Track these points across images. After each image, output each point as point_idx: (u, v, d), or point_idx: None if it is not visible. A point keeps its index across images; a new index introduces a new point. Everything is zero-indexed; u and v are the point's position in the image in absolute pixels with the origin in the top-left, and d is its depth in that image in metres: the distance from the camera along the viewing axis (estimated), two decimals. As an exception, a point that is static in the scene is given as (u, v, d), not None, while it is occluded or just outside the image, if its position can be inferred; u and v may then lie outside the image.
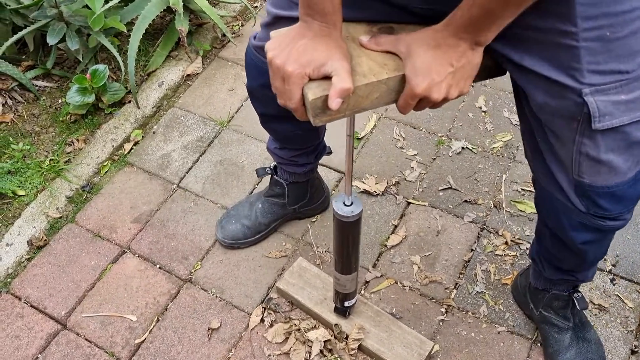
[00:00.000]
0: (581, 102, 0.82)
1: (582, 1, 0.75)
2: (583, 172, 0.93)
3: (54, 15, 1.88)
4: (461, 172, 1.77)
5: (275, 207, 1.59)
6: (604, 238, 1.09)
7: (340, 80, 0.78)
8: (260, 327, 1.47)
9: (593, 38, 0.78)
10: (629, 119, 0.84)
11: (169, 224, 1.69)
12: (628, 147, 0.89)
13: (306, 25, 0.83)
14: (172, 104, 2.03)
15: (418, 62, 0.80)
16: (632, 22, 0.78)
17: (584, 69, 0.80)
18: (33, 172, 1.81)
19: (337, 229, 1.16)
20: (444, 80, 0.80)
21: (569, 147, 0.90)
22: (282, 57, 0.81)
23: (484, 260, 1.57)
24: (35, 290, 1.56)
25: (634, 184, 0.95)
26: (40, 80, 2.09)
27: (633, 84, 0.82)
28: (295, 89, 0.80)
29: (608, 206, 0.97)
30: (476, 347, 1.42)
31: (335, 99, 0.78)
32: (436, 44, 0.80)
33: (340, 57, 0.80)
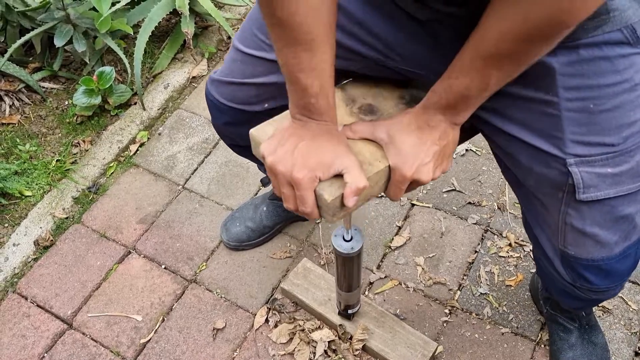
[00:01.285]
0: (566, 172, 0.81)
1: (563, 72, 0.75)
2: (568, 243, 0.92)
3: (61, 18, 1.90)
4: (465, 174, 1.77)
5: (279, 210, 1.60)
6: (590, 305, 1.08)
7: (354, 178, 0.76)
8: (264, 328, 1.47)
9: (576, 109, 0.77)
10: (615, 192, 0.83)
11: (175, 224, 1.70)
12: (615, 222, 0.87)
13: (302, 124, 0.80)
14: (177, 105, 2.04)
15: (403, 147, 0.80)
16: (617, 95, 0.77)
17: (567, 138, 0.79)
18: (40, 172, 1.83)
19: (338, 262, 1.15)
20: (431, 160, 0.80)
21: (554, 216, 0.89)
22: (285, 163, 0.77)
23: (488, 261, 1.58)
24: (42, 290, 1.57)
25: (622, 260, 0.93)
26: (47, 82, 2.11)
27: (619, 158, 0.80)
28: (308, 194, 0.78)
29: (594, 280, 0.95)
30: (480, 348, 1.43)
31: (352, 198, 0.77)
32: (417, 126, 0.80)
33: (346, 152, 0.79)
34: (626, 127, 0.79)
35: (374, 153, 0.82)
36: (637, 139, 0.80)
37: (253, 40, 0.99)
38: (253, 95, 1.03)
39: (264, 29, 0.96)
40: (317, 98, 0.77)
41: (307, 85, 0.76)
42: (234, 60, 1.04)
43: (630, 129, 0.79)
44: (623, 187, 0.83)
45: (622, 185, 0.83)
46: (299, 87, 0.77)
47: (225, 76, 1.06)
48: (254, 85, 1.02)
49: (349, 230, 1.06)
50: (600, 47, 0.73)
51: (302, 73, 0.75)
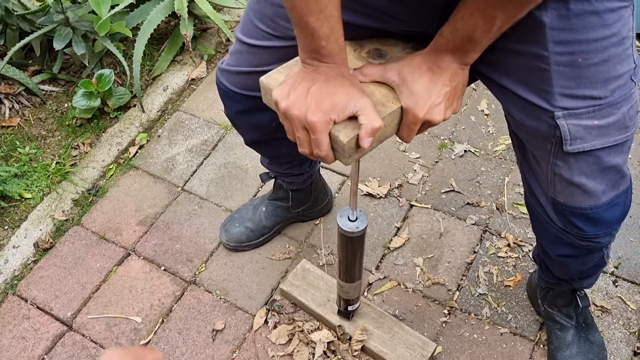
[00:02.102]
0: (554, 125, 0.83)
1: (553, 26, 0.76)
2: (558, 192, 0.94)
3: (61, 21, 1.90)
4: (464, 174, 1.78)
5: (279, 211, 1.61)
6: (581, 255, 1.09)
7: (369, 119, 0.77)
8: (264, 329, 1.48)
9: (564, 63, 0.79)
10: (601, 143, 0.85)
11: (174, 226, 1.70)
12: (601, 172, 0.89)
13: (313, 68, 0.80)
14: (176, 107, 2.05)
15: (415, 88, 0.80)
16: (605, 49, 0.78)
17: (555, 92, 0.81)
18: (39, 175, 1.83)
19: (341, 243, 1.16)
20: (443, 101, 0.81)
21: (544, 166, 0.92)
22: (299, 107, 0.78)
23: (487, 262, 1.58)
24: (42, 292, 1.58)
25: (610, 208, 0.95)
26: (47, 85, 2.11)
27: (606, 110, 0.82)
28: (324, 136, 0.78)
29: (583, 227, 0.97)
30: (479, 348, 1.43)
31: (367, 138, 0.77)
32: (428, 67, 0.81)
33: (360, 94, 0.79)
34: (613, 80, 0.81)
35: (386, 95, 0.83)
36: (623, 91, 0.82)
37: (255, 31, 1.00)
38: None
39: (264, 19, 0.97)
40: (327, 40, 0.77)
41: (316, 27, 0.76)
42: (240, 52, 1.06)
43: (617, 82, 0.81)
44: (609, 139, 0.85)
45: (608, 136, 0.85)
46: (308, 31, 0.77)
47: (233, 66, 1.08)
48: (263, 72, 1.01)
49: (354, 212, 1.08)
50: (589, 1, 0.75)
51: (311, 16, 0.75)
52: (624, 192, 0.96)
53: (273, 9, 0.94)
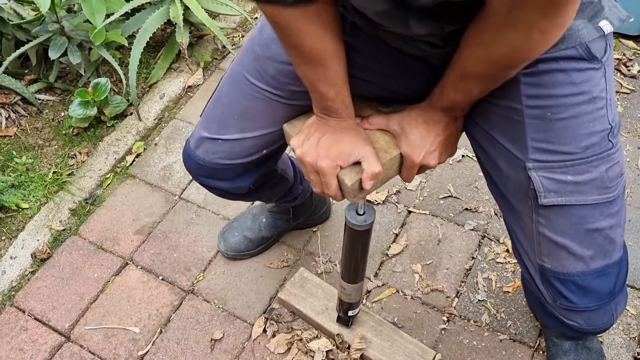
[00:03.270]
0: (527, 177, 0.88)
1: (525, 81, 0.83)
2: (544, 254, 0.94)
3: (56, 30, 1.90)
4: (462, 180, 1.77)
5: (279, 222, 1.60)
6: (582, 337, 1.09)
7: (369, 165, 0.89)
8: (262, 338, 1.47)
9: (535, 116, 0.84)
10: (577, 200, 0.87)
11: (171, 235, 1.70)
12: (586, 234, 0.90)
13: (324, 120, 0.93)
14: (173, 115, 2.04)
15: (412, 137, 0.92)
16: (573, 106, 0.82)
17: (528, 144, 0.86)
18: (36, 185, 1.83)
19: (347, 238, 1.16)
20: (437, 148, 0.92)
21: (529, 226, 0.94)
22: (311, 154, 0.91)
23: (485, 268, 1.58)
24: (39, 303, 1.57)
25: (600, 277, 0.94)
26: (43, 94, 2.11)
27: (579, 167, 0.85)
28: (331, 179, 0.91)
29: (572, 297, 0.95)
30: (478, 355, 1.42)
31: (368, 182, 0.90)
32: (424, 120, 0.92)
33: (363, 143, 0.91)
34: (585, 137, 0.84)
35: (388, 142, 0.95)
36: (598, 149, 0.85)
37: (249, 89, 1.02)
38: (252, 145, 1.08)
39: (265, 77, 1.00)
40: (333, 102, 0.89)
41: (324, 92, 0.88)
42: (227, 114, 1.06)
43: (590, 139, 0.84)
44: (587, 197, 0.87)
45: (585, 194, 0.87)
46: (318, 94, 0.90)
47: (216, 133, 1.08)
48: (254, 137, 1.07)
49: (362, 206, 1.09)
50: (557, 61, 0.81)
51: (319, 83, 0.87)
52: (616, 263, 0.94)
53: (278, 67, 0.98)
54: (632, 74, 2.04)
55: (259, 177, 1.18)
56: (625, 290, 1.01)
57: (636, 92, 1.99)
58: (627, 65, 2.07)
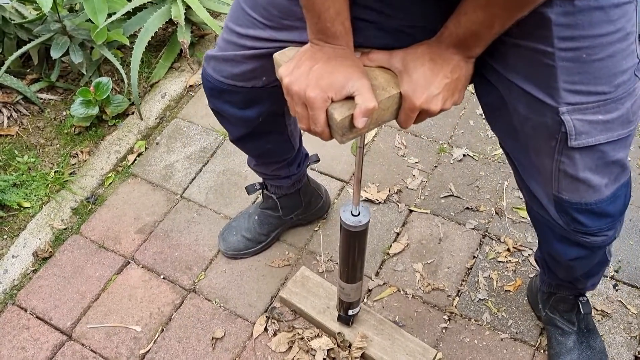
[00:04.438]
0: (558, 121, 0.84)
1: (558, 22, 0.77)
2: (562, 189, 0.94)
3: (58, 30, 1.91)
4: (463, 179, 1.78)
5: (270, 219, 1.61)
6: (590, 255, 1.08)
7: (364, 99, 0.79)
8: (263, 336, 1.47)
9: (569, 58, 0.79)
10: (606, 138, 0.86)
11: (173, 234, 1.70)
12: (605, 166, 0.90)
13: (319, 47, 0.84)
14: (174, 114, 2.05)
15: (415, 76, 0.82)
16: (609, 45, 0.79)
17: (560, 87, 0.81)
18: (38, 184, 1.83)
19: (343, 239, 1.16)
20: (441, 92, 0.82)
21: (548, 164, 0.91)
22: (300, 83, 0.81)
23: (486, 267, 1.58)
24: (41, 301, 1.57)
25: (613, 201, 0.96)
26: (45, 93, 2.12)
27: (611, 105, 0.83)
28: (320, 113, 0.81)
29: (587, 222, 0.97)
30: (479, 354, 1.43)
31: (361, 118, 0.79)
32: (431, 57, 0.83)
33: (359, 75, 0.81)
34: (618, 75, 0.81)
35: (388, 80, 0.85)
36: (628, 86, 0.83)
37: (246, 19, 1.00)
38: (250, 70, 1.05)
39: (257, 7, 0.97)
40: (332, 23, 0.81)
41: (322, 9, 0.80)
42: (228, 41, 1.05)
43: (622, 77, 0.82)
44: (614, 133, 0.86)
45: (612, 131, 0.85)
46: (315, 12, 0.81)
47: (221, 52, 1.07)
48: (250, 58, 1.03)
49: (357, 207, 1.08)
50: None
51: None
52: (625, 184, 0.97)
53: None
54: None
55: (268, 113, 1.16)
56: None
57: (637, 91, 1.99)
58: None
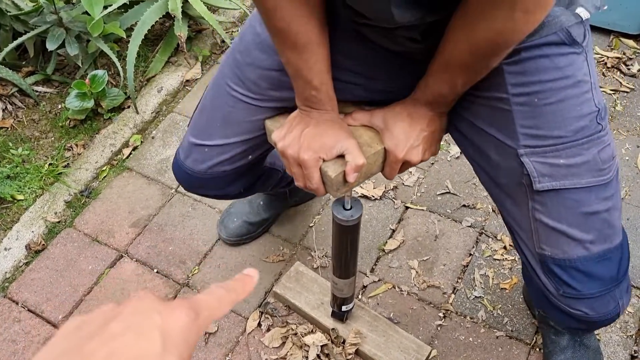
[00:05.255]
0: (520, 162, 0.87)
1: (509, 71, 0.83)
2: (542, 242, 0.92)
3: (54, 21, 1.89)
4: (459, 176, 1.76)
5: (276, 202, 1.62)
6: (590, 329, 1.05)
7: (353, 157, 0.87)
8: (257, 332, 1.46)
9: (523, 103, 0.84)
10: (572, 184, 0.87)
11: (167, 228, 1.69)
12: (583, 218, 0.88)
13: (307, 113, 0.91)
14: (171, 109, 2.03)
15: (396, 132, 0.91)
16: (559, 90, 0.83)
17: (518, 131, 0.86)
18: (32, 176, 1.82)
19: (336, 233, 1.15)
20: (420, 144, 0.91)
21: (525, 214, 0.93)
22: (293, 146, 0.89)
23: (483, 264, 1.57)
24: (33, 294, 1.56)
25: (601, 262, 0.91)
26: (40, 86, 2.10)
27: (571, 149, 0.85)
28: (314, 172, 0.89)
29: (575, 284, 0.93)
30: (474, 352, 1.41)
31: (352, 174, 0.88)
32: (408, 114, 0.91)
33: (346, 136, 0.89)
34: (574, 120, 0.84)
35: (372, 137, 0.94)
36: (588, 132, 0.85)
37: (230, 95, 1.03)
38: (240, 152, 1.09)
39: (247, 82, 1.01)
40: (317, 91, 0.88)
41: (308, 79, 0.87)
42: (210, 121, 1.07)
43: (579, 122, 0.84)
44: (581, 180, 0.87)
45: (579, 177, 0.86)
46: (302, 82, 0.88)
47: (205, 141, 1.09)
48: (237, 143, 1.07)
49: (349, 201, 1.08)
50: (540, 47, 0.82)
51: (303, 70, 0.86)
52: (617, 247, 0.93)
53: (259, 72, 0.99)
54: (632, 72, 2.03)
55: (248, 181, 1.22)
56: (628, 278, 0.98)
57: (636, 90, 1.98)
58: (627, 64, 2.06)
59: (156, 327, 0.34)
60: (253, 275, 0.45)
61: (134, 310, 0.36)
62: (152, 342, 0.33)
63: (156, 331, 0.34)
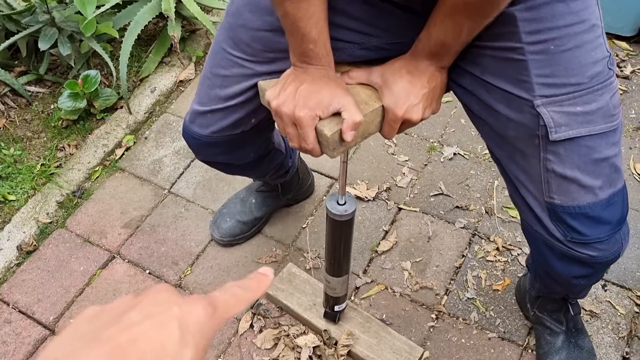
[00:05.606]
0: (536, 114, 0.85)
1: (523, 18, 0.81)
2: (553, 192, 0.92)
3: (46, 21, 1.88)
4: (453, 178, 1.76)
5: (269, 200, 1.62)
6: (593, 273, 1.04)
7: (350, 114, 0.84)
8: (249, 333, 1.46)
9: (538, 51, 0.82)
10: (588, 131, 0.86)
11: (160, 229, 1.68)
12: (595, 165, 0.89)
13: (302, 70, 0.88)
14: (164, 109, 2.03)
15: (395, 89, 0.87)
16: (576, 35, 0.81)
17: (533, 81, 0.83)
18: (24, 177, 1.81)
19: (329, 229, 1.15)
20: (421, 101, 0.87)
21: (536, 166, 0.91)
22: (288, 104, 0.85)
23: (475, 266, 1.57)
24: (24, 295, 1.55)
25: (608, 207, 0.93)
26: (33, 86, 2.09)
27: (587, 96, 0.84)
28: (309, 131, 0.85)
29: (584, 230, 0.94)
30: (467, 353, 1.41)
31: (349, 132, 0.84)
32: (408, 70, 0.88)
33: (343, 93, 0.86)
34: (590, 66, 0.83)
35: (370, 95, 0.90)
36: (602, 77, 0.84)
37: (228, 60, 1.02)
38: (239, 118, 1.08)
39: (240, 45, 0.99)
40: (315, 44, 0.85)
41: (305, 32, 0.84)
42: (212, 93, 1.07)
43: (594, 68, 0.83)
44: (596, 127, 0.86)
45: (594, 124, 0.86)
46: (299, 35, 0.84)
47: (206, 106, 1.09)
48: (240, 105, 1.05)
49: (343, 196, 1.08)
50: None
51: (301, 21, 0.83)
52: (620, 190, 0.95)
53: (251, 34, 0.97)
54: (625, 74, 2.04)
55: (258, 147, 1.20)
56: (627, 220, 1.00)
57: (628, 92, 1.99)
58: (620, 66, 2.06)
59: (175, 318, 0.35)
60: (268, 274, 0.45)
61: (153, 301, 0.36)
62: (171, 332, 0.34)
63: (175, 322, 0.35)
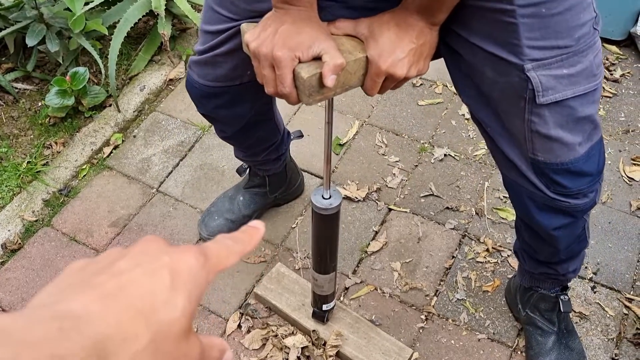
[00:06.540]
0: (525, 78, 0.85)
1: None
2: (537, 150, 0.95)
3: (34, 17, 1.86)
4: (443, 179, 1.76)
5: (257, 198, 1.61)
6: (572, 223, 1.08)
7: (332, 57, 0.79)
8: (237, 333, 1.44)
9: (529, 15, 0.81)
10: (572, 92, 0.87)
11: (147, 228, 1.66)
12: (576, 123, 0.91)
13: (284, 11, 0.84)
14: (153, 108, 2.01)
15: (381, 40, 0.83)
16: None
17: (523, 45, 0.83)
18: (10, 174, 1.78)
19: (315, 224, 1.14)
20: (407, 56, 0.84)
21: (520, 126, 0.92)
22: (267, 44, 0.81)
23: (465, 267, 1.56)
24: (8, 294, 1.53)
25: (588, 160, 0.97)
26: (20, 83, 2.07)
27: (573, 58, 0.85)
28: (287, 72, 0.81)
29: (567, 183, 0.98)
30: (456, 354, 1.41)
31: (330, 76, 0.79)
32: (396, 23, 0.84)
33: (325, 37, 0.82)
34: (578, 28, 0.83)
35: (355, 45, 0.86)
36: (588, 39, 0.85)
37: (216, 17, 1.02)
38: (232, 68, 1.08)
39: (225, 3, 0.99)
40: None
41: None
42: (204, 44, 1.08)
43: (582, 30, 0.84)
44: (579, 87, 0.87)
45: (578, 85, 0.87)
46: None
47: (200, 55, 1.10)
48: (229, 54, 1.06)
49: (328, 190, 1.07)
50: None
51: None
52: (598, 142, 0.98)
53: None
54: (615, 78, 2.04)
55: (259, 106, 1.21)
56: None
57: (618, 95, 1.99)
58: (610, 70, 2.07)
59: (165, 265, 0.34)
60: (260, 227, 0.44)
61: (143, 251, 0.36)
62: (162, 279, 0.34)
63: (165, 269, 0.34)
